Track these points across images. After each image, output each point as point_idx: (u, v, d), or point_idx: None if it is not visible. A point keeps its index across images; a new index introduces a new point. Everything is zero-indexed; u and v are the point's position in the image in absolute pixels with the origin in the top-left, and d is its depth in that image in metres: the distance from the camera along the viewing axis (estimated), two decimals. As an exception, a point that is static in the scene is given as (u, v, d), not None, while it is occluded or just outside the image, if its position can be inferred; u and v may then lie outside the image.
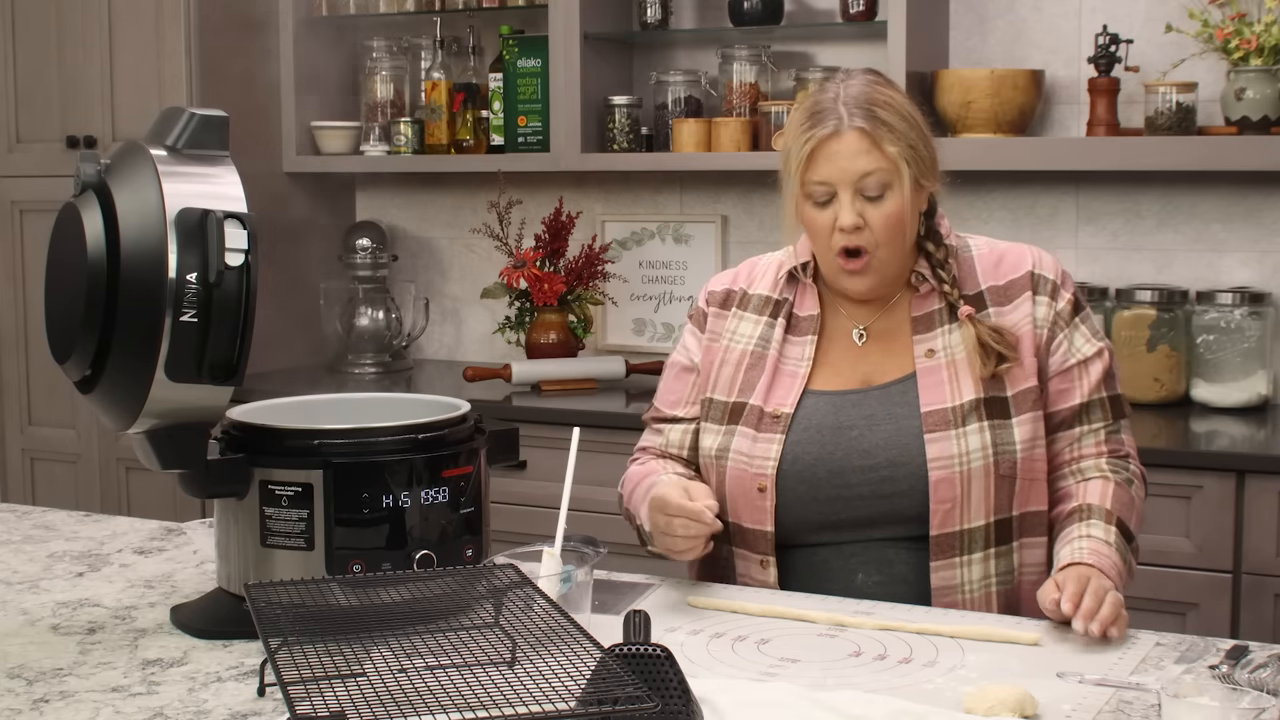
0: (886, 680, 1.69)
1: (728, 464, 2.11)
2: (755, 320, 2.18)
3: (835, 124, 2.03)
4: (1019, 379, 2.07)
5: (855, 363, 2.13)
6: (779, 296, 2.19)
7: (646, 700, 1.36)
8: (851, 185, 2.03)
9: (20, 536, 2.38)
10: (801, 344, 2.15)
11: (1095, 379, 2.11)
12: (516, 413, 3.48)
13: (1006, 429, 2.04)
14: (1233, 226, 3.41)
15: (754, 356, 2.16)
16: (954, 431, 2.03)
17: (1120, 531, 2.03)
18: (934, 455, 2.02)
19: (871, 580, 2.05)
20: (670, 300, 3.99)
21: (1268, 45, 3.12)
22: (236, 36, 3.96)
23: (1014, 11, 3.57)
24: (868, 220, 2.04)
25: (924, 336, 2.10)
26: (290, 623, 1.58)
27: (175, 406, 1.79)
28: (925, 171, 2.06)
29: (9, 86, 4.09)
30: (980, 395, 2.05)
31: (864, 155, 2.02)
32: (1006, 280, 2.12)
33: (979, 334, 2.06)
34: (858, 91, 2.06)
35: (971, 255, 2.15)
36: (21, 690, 1.67)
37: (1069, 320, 2.11)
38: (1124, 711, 1.59)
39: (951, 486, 2.02)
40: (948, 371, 2.07)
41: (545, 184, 4.01)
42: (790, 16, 3.73)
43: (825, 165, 2.04)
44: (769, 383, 2.13)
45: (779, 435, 2.08)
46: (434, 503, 1.85)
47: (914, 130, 2.05)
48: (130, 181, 1.78)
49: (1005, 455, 2.03)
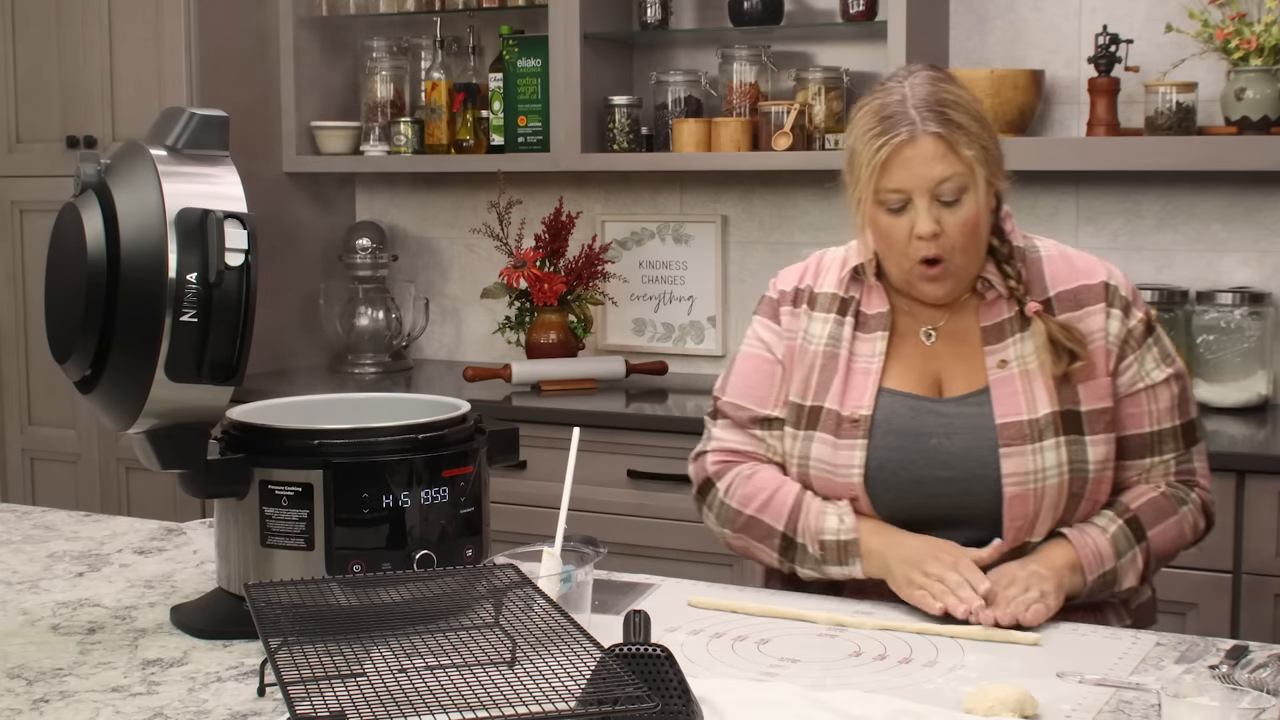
0: (886, 680, 1.69)
1: (810, 471, 2.09)
2: (824, 319, 2.15)
3: (909, 129, 1.98)
4: (1094, 395, 2.03)
5: (926, 361, 2.09)
6: (845, 294, 2.14)
7: (646, 700, 1.36)
8: (928, 191, 1.98)
9: (20, 536, 2.38)
10: (871, 340, 2.11)
11: (1166, 406, 2.07)
12: (516, 413, 3.49)
13: (1081, 446, 2.02)
14: (1233, 226, 3.41)
15: (826, 357, 2.12)
16: (1030, 446, 2.00)
17: (1129, 526, 2.01)
18: (1009, 470, 2.00)
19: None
20: (670, 300, 3.99)
21: (1268, 45, 3.12)
22: (236, 36, 3.96)
23: (1014, 11, 3.57)
24: (944, 226, 1.99)
25: (995, 347, 2.06)
26: (290, 623, 1.58)
27: (175, 406, 1.79)
28: (995, 171, 2.03)
29: (9, 86, 4.09)
30: (1056, 408, 2.01)
31: (940, 161, 1.98)
32: (1078, 285, 2.07)
33: (1049, 330, 2.02)
34: (926, 92, 2.00)
35: (1040, 257, 2.11)
36: (21, 690, 1.67)
37: (1141, 341, 2.07)
38: (1124, 711, 1.59)
39: (1025, 503, 2.00)
40: (1021, 382, 2.03)
41: (545, 184, 4.01)
42: (790, 16, 3.73)
43: (900, 172, 1.99)
44: (843, 384, 2.09)
45: (860, 440, 2.06)
46: (434, 503, 1.85)
47: (984, 129, 2.02)
48: (130, 181, 1.78)
49: (1079, 473, 2.01)
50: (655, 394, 3.70)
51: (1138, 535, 2.02)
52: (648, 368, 3.78)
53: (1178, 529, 2.07)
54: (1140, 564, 2.02)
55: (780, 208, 3.86)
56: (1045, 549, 2.00)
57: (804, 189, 3.81)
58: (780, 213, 3.86)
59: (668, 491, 3.31)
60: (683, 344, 3.99)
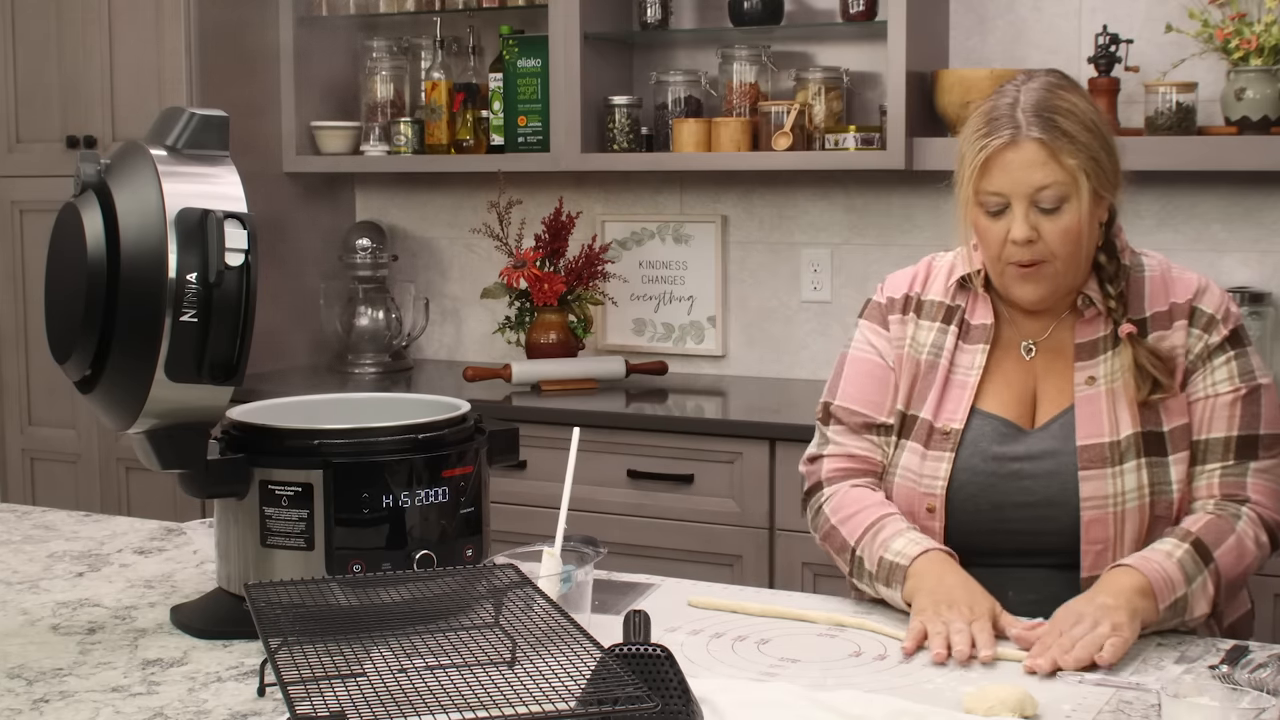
0: (886, 680, 1.69)
1: (895, 479, 2.08)
2: (929, 327, 2.12)
3: (1011, 133, 1.96)
4: (1175, 414, 2.01)
5: (1023, 379, 2.07)
6: (952, 303, 2.12)
7: (646, 700, 1.36)
8: (1026, 197, 1.96)
9: (20, 536, 2.38)
10: (973, 352, 2.09)
11: (1224, 416, 2.02)
12: (516, 413, 3.48)
13: (1163, 467, 1.99)
14: (1233, 226, 3.41)
15: (927, 365, 2.10)
16: (1110, 470, 1.98)
17: (1195, 549, 1.93)
18: (1087, 494, 1.97)
19: (1024, 598, 1.96)
20: (670, 300, 3.99)
21: (1268, 45, 3.12)
22: (236, 36, 3.96)
23: (1014, 11, 3.57)
24: (1042, 233, 1.97)
25: (1086, 363, 2.04)
26: (290, 623, 1.58)
27: (175, 406, 1.79)
28: (1105, 183, 2.00)
29: (9, 86, 4.09)
30: (1138, 429, 1.99)
31: (1041, 167, 1.96)
32: (1170, 305, 2.05)
33: (1137, 355, 1.99)
34: (1038, 98, 1.98)
35: (1143, 276, 2.08)
36: (21, 690, 1.67)
37: (1212, 355, 2.03)
38: (1124, 711, 1.59)
39: (1104, 528, 1.97)
40: (1107, 401, 2.01)
41: (545, 184, 4.01)
42: (790, 16, 3.73)
43: (999, 175, 1.97)
44: (939, 395, 2.08)
45: (948, 454, 2.04)
46: (434, 503, 1.85)
47: (1096, 139, 1.98)
48: (130, 181, 1.78)
49: (1162, 495, 1.98)
50: (655, 394, 3.70)
51: (1205, 558, 1.93)
52: (648, 368, 3.78)
53: (1240, 548, 1.98)
54: (1211, 589, 1.93)
55: (780, 208, 3.85)
56: (1109, 577, 1.89)
57: (804, 189, 3.81)
58: (780, 213, 3.86)
59: (668, 491, 3.31)
60: (683, 344, 3.99)
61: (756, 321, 3.90)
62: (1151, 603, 1.86)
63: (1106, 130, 2.02)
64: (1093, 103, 2.04)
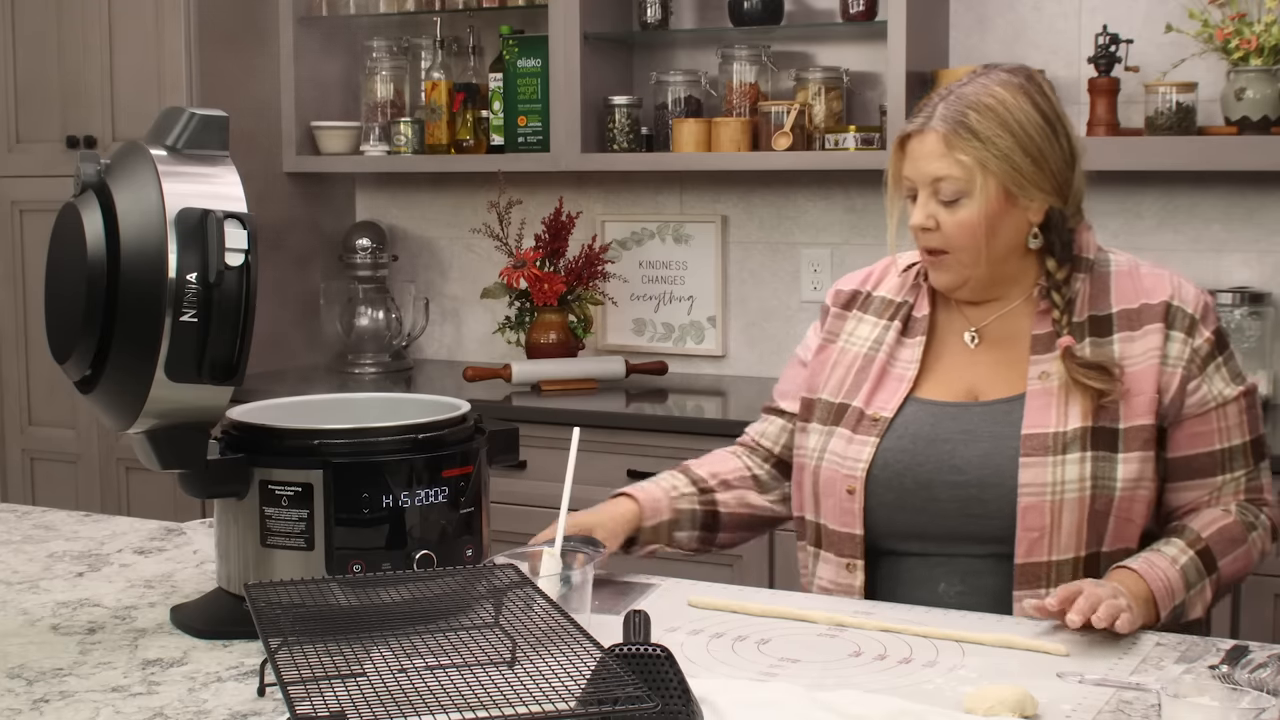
0: (886, 680, 1.69)
1: (822, 464, 2.09)
2: (874, 323, 2.15)
3: (922, 121, 2.01)
4: (1135, 413, 1.99)
5: (965, 369, 2.08)
6: (901, 299, 2.15)
7: (646, 700, 1.36)
8: (928, 186, 2.01)
9: (20, 536, 2.38)
10: (912, 346, 2.11)
11: (1236, 423, 2.02)
12: (516, 413, 3.49)
13: (1111, 463, 1.97)
14: (1233, 226, 3.41)
15: (865, 359, 2.13)
16: (1051, 459, 1.96)
17: (1200, 557, 1.94)
18: (1026, 481, 1.96)
19: (954, 590, 2.00)
20: (670, 300, 3.99)
21: (1268, 45, 3.12)
22: (236, 36, 3.96)
23: (1014, 11, 3.58)
24: (940, 223, 2.00)
25: (1041, 358, 2.03)
26: (290, 623, 1.58)
27: (175, 406, 1.79)
28: (1022, 185, 1.98)
29: (9, 86, 4.09)
30: (1089, 424, 1.97)
31: (938, 159, 1.98)
32: (1140, 304, 2.03)
33: (1070, 371, 1.98)
34: (967, 92, 2.00)
35: (1109, 272, 2.07)
36: (21, 690, 1.67)
37: (1208, 360, 2.02)
38: (1124, 711, 1.59)
39: (1041, 515, 1.96)
40: (1060, 395, 1.99)
41: (545, 184, 4.01)
42: (790, 16, 3.73)
43: (908, 162, 2.03)
44: (874, 386, 2.10)
45: (873, 439, 2.05)
46: (434, 503, 1.85)
47: (1019, 142, 1.97)
48: (130, 181, 1.78)
49: (1104, 490, 1.96)
50: (655, 394, 3.70)
51: (1209, 567, 1.95)
52: (648, 368, 3.78)
53: (1246, 557, 2.00)
54: (1208, 595, 1.96)
55: (780, 208, 3.85)
56: (1116, 577, 1.90)
57: (804, 189, 3.81)
58: (780, 213, 3.86)
59: (668, 491, 3.31)
60: (683, 344, 3.99)
61: (756, 321, 3.90)
62: (1153, 610, 1.89)
63: (1041, 135, 1.99)
64: (1045, 107, 2.01)
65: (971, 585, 2.01)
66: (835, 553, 2.08)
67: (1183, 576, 1.92)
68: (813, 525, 2.12)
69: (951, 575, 2.02)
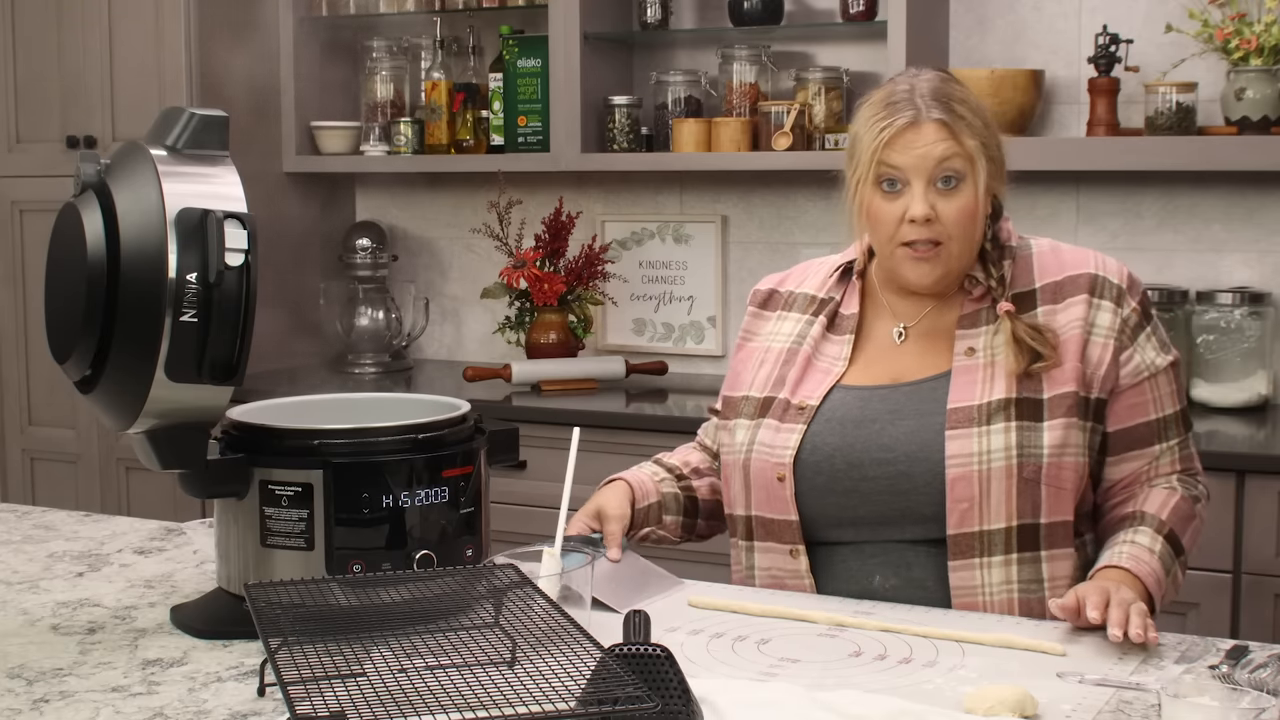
0: (886, 680, 1.69)
1: (752, 456, 2.10)
2: (797, 319, 2.18)
3: (913, 114, 2.01)
4: (1058, 382, 2.01)
5: (891, 360, 2.10)
6: (825, 295, 2.18)
7: (646, 700, 1.36)
8: (926, 175, 2.00)
9: (20, 536, 2.38)
10: (840, 343, 2.13)
11: (1169, 392, 2.06)
12: (516, 413, 3.49)
13: (1035, 431, 1.99)
14: (1233, 226, 3.41)
15: (789, 353, 2.15)
16: (976, 430, 1.98)
17: (1169, 542, 1.98)
18: (953, 452, 1.98)
19: (889, 584, 2.02)
20: (670, 300, 3.99)
21: (1268, 45, 3.12)
22: (236, 36, 3.96)
23: (1014, 11, 3.58)
24: (939, 213, 2.00)
25: (967, 333, 2.06)
26: (290, 623, 1.58)
27: (175, 406, 1.79)
28: (996, 174, 2.04)
29: (9, 86, 4.09)
30: (1012, 395, 2.00)
31: (942, 143, 2.00)
32: (1063, 277, 2.07)
33: (1015, 329, 2.01)
34: (932, 87, 2.03)
35: (1030, 254, 2.11)
36: (21, 690, 1.67)
37: (1138, 330, 2.06)
38: (1124, 711, 1.59)
39: (969, 485, 1.97)
40: (984, 371, 2.03)
41: (545, 184, 4.01)
42: (790, 16, 3.73)
43: (901, 153, 2.01)
44: (799, 377, 2.12)
45: (800, 426, 2.07)
46: (434, 503, 1.85)
47: (989, 131, 2.04)
48: (130, 181, 1.78)
49: (1030, 458, 1.98)
50: (655, 394, 3.70)
51: (1177, 550, 1.99)
52: (648, 368, 3.78)
53: (1197, 532, 2.06)
54: (1180, 579, 2.00)
55: (780, 208, 3.85)
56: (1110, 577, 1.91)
57: (804, 189, 3.81)
58: (780, 213, 3.86)
59: (668, 491, 3.31)
60: (683, 344, 3.99)
61: (756, 321, 3.90)
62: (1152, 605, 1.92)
63: (995, 128, 2.07)
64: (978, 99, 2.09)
65: (905, 578, 2.02)
66: (776, 540, 2.09)
67: (1162, 564, 1.96)
68: (743, 519, 2.12)
69: (885, 568, 2.03)
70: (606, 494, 2.16)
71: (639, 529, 2.18)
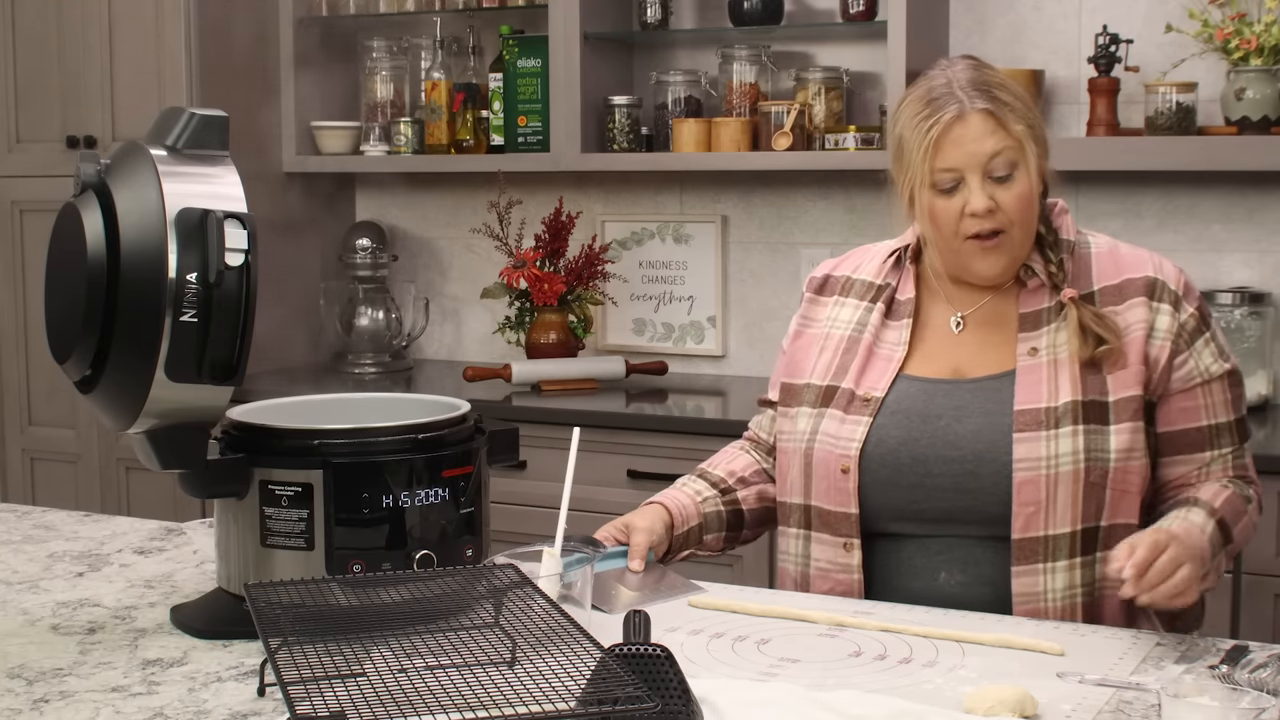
0: (886, 680, 1.69)
1: (815, 446, 2.09)
2: (856, 305, 2.17)
3: (957, 108, 2.00)
4: (1123, 384, 2.00)
5: (950, 350, 2.09)
6: (882, 281, 2.17)
7: (646, 700, 1.36)
8: (980, 168, 2.00)
9: (20, 536, 2.38)
10: (898, 328, 2.12)
11: (1222, 400, 2.05)
12: (516, 413, 3.49)
13: (1103, 435, 1.98)
14: (1233, 226, 3.41)
15: (850, 341, 2.14)
16: (1045, 433, 1.97)
17: (1219, 528, 1.96)
18: (1020, 455, 1.97)
19: (954, 580, 2.01)
20: (670, 300, 3.99)
21: (1268, 45, 3.12)
22: (236, 36, 3.96)
23: (1014, 11, 3.58)
24: (999, 202, 2.00)
25: (1029, 334, 2.05)
26: (290, 623, 1.58)
27: (175, 406, 1.79)
28: (1044, 151, 2.04)
29: (9, 86, 4.09)
30: (1079, 398, 1.99)
31: (990, 136, 1.99)
32: (1122, 279, 2.06)
33: (1081, 316, 2.00)
34: (969, 76, 2.03)
35: (1089, 253, 2.10)
36: (21, 690, 1.67)
37: (1195, 335, 2.05)
38: (1124, 711, 1.59)
39: (1036, 489, 1.96)
40: (1048, 371, 2.01)
41: (545, 184, 4.01)
42: (790, 16, 3.73)
43: (952, 151, 2.00)
44: (862, 366, 2.11)
45: (866, 418, 2.06)
46: (434, 503, 1.85)
47: (1030, 110, 2.03)
48: (130, 181, 1.78)
49: (1097, 462, 1.97)
50: (655, 394, 3.70)
51: (1226, 538, 1.97)
52: (648, 368, 3.78)
53: (1248, 529, 2.04)
54: (1223, 565, 1.99)
55: (780, 208, 3.85)
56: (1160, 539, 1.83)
57: (804, 189, 3.81)
58: (780, 213, 3.86)
59: (668, 491, 3.31)
60: (683, 344, 3.99)
61: (756, 321, 3.90)
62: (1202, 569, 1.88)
63: (1034, 104, 2.07)
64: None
65: (972, 575, 2.01)
66: (831, 533, 2.08)
67: (1210, 545, 1.93)
68: (801, 508, 2.12)
69: (951, 564, 2.02)
70: (639, 512, 2.16)
71: (678, 552, 2.18)
